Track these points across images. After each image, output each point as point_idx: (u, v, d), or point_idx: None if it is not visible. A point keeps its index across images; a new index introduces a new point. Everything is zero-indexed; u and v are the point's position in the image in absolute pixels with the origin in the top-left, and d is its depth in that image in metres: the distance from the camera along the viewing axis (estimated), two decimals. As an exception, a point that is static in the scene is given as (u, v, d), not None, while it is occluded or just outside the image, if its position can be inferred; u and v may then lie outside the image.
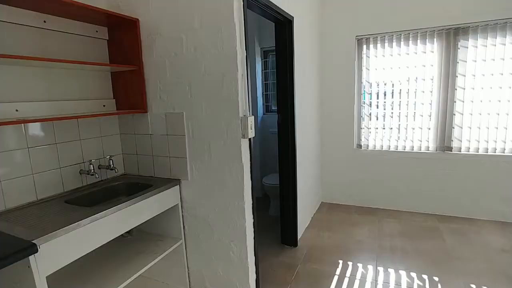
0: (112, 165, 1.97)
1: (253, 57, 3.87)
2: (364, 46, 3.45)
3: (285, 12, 2.30)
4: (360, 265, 2.48)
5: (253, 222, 1.88)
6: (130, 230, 1.96)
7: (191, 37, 1.73)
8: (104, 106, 2.00)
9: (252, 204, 1.86)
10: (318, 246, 2.80)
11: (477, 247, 2.66)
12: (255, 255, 1.93)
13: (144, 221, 1.71)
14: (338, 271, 2.40)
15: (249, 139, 1.76)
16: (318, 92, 3.55)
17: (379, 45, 3.36)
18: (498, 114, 2.99)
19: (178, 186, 1.95)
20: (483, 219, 3.19)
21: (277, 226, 2.92)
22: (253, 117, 1.73)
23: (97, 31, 1.93)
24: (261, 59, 4.06)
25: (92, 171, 1.86)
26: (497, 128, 3.02)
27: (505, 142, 3.02)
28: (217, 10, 1.62)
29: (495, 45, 2.92)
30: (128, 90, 2.01)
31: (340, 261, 2.54)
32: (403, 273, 2.34)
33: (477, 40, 2.97)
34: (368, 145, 3.59)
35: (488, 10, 2.86)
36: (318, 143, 3.63)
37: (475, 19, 2.93)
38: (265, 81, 4.16)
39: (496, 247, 2.66)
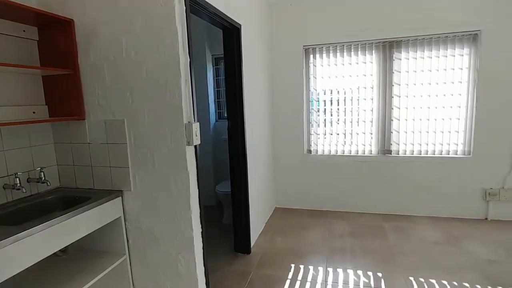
0: (43, 178, 1.79)
1: (203, 64, 3.84)
2: (311, 56, 3.61)
3: (232, 19, 2.32)
4: (311, 267, 2.53)
5: (202, 232, 1.82)
6: (65, 249, 1.78)
7: (131, 40, 1.65)
8: (34, 113, 1.82)
9: (200, 213, 1.81)
10: (271, 252, 2.81)
11: (415, 242, 2.88)
12: (204, 265, 1.87)
13: (80, 237, 1.57)
14: (290, 275, 2.43)
15: (195, 146, 1.72)
16: (269, 99, 3.62)
17: (324, 54, 3.54)
18: (428, 120, 3.31)
19: (120, 198, 1.83)
20: (421, 215, 3.47)
21: (231, 234, 2.88)
22: (198, 123, 1.69)
23: (24, 31, 1.75)
24: (213, 66, 4.04)
25: (18, 185, 1.66)
26: (427, 132, 3.34)
27: (434, 145, 3.34)
28: (158, 13, 1.57)
29: (423, 58, 3.24)
30: (63, 95, 1.85)
31: (293, 265, 2.57)
32: (350, 272, 2.44)
33: (408, 53, 3.28)
34: (317, 150, 3.74)
35: (418, 27, 3.18)
36: (270, 149, 3.68)
37: (407, 34, 3.23)
38: (217, 88, 4.14)
39: (430, 240, 2.90)
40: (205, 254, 1.87)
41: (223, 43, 2.53)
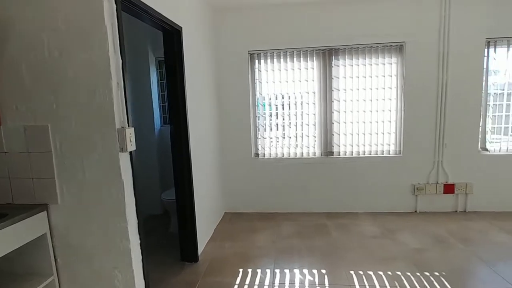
0: None
1: (146, 67, 3.68)
2: (256, 61, 3.67)
3: (171, 21, 2.25)
4: (259, 270, 2.54)
5: (140, 243, 1.72)
6: (-25, 275, 1.55)
7: (55, 39, 1.51)
8: None
9: (138, 223, 1.70)
10: (219, 258, 2.76)
11: (356, 237, 3.06)
12: (145, 279, 1.76)
13: (-7, 260, 1.37)
14: (238, 281, 2.41)
15: (130, 152, 1.62)
16: (215, 103, 3.59)
17: (269, 60, 3.63)
18: (364, 123, 3.57)
19: (45, 212, 1.65)
20: (361, 212, 3.71)
21: (178, 243, 2.77)
22: (132, 128, 1.60)
23: None
24: (156, 69, 3.90)
25: None
26: (364, 134, 3.59)
27: (370, 146, 3.61)
28: (85, 11, 1.46)
29: (358, 65, 3.49)
30: (-28, 99, 1.62)
31: (241, 270, 2.55)
32: (297, 271, 2.50)
33: (345, 60, 3.51)
34: (264, 154, 3.79)
35: (353, 36, 3.42)
36: (218, 154, 3.65)
37: (343, 43, 3.45)
38: (162, 91, 3.99)
39: (369, 235, 3.11)
40: (146, 267, 1.77)
41: (163, 46, 2.45)
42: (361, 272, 2.42)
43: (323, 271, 2.48)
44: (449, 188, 3.55)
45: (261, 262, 2.67)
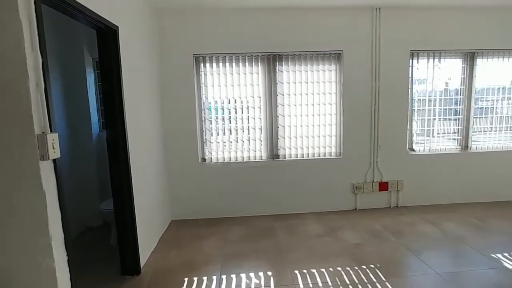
0: None
1: (81, 67, 3.40)
2: (202, 64, 3.62)
3: (105, 19, 2.11)
4: (205, 278, 2.48)
5: (68, 261, 1.56)
6: None
7: (-43, 32, 1.31)
8: None
9: (65, 238, 1.55)
10: (164, 269, 2.64)
11: (301, 237, 3.16)
12: (74, 299, 1.61)
13: None
14: (183, 290, 2.33)
15: (54, 160, 1.47)
16: (159, 107, 3.45)
17: (214, 64, 3.61)
18: (307, 126, 3.73)
19: None
20: (307, 212, 3.85)
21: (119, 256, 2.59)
22: (56, 134, 1.45)
23: None
24: (94, 70, 3.63)
25: None
26: (307, 137, 3.75)
27: (314, 148, 3.77)
28: (-5, 2, 1.30)
29: (301, 71, 3.64)
30: None
31: (186, 279, 2.47)
32: (243, 275, 2.49)
33: (289, 66, 3.63)
34: (211, 158, 3.75)
35: (295, 44, 3.56)
36: (163, 159, 3.51)
37: (287, 49, 3.58)
38: (100, 94, 3.72)
39: (314, 234, 3.23)
40: (75, 286, 1.61)
41: (97, 46, 2.29)
42: (305, 271, 2.51)
43: (269, 273, 2.51)
44: (383, 186, 3.86)
45: (207, 270, 2.61)
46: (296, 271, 2.51)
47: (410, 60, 3.74)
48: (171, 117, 3.59)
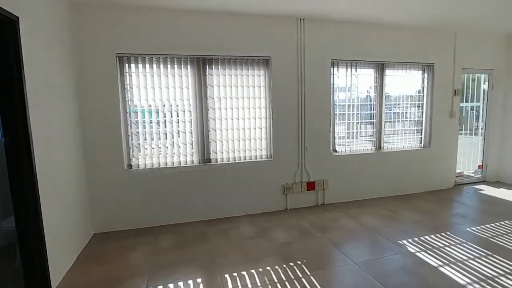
0: None
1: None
2: (126, 65, 3.40)
3: (1, 8, 1.84)
4: (129, 293, 2.31)
5: None
6: None
7: None
8: None
9: None
10: (82, 287, 2.39)
11: (234, 241, 3.17)
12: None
13: None
14: (102, 310, 2.13)
15: None
16: (76, 109, 3.14)
17: (140, 65, 3.42)
18: (239, 130, 3.78)
19: None
20: (240, 215, 3.88)
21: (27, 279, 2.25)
22: None
23: None
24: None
25: None
26: (238, 140, 3.79)
27: (245, 151, 3.83)
28: None
29: (231, 75, 3.68)
30: None
31: (107, 297, 2.27)
32: (171, 285, 2.39)
33: (219, 70, 3.64)
34: (139, 165, 3.53)
35: (224, 48, 3.58)
36: (81, 168, 3.18)
37: (216, 53, 3.57)
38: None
39: (246, 236, 3.27)
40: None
41: (-8, 38, 1.98)
42: (235, 274, 2.51)
43: (199, 280, 2.45)
44: (311, 186, 4.10)
45: (133, 283, 2.44)
46: (227, 275, 2.50)
47: (332, 68, 4.07)
48: (91, 121, 3.29)
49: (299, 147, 4.01)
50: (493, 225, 3.43)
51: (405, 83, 4.57)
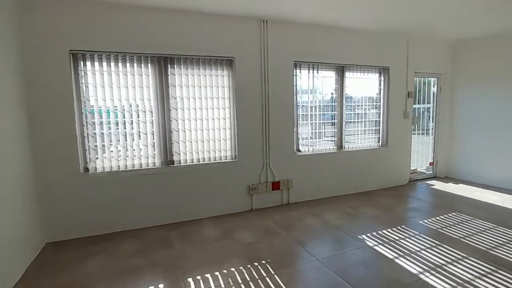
0: None
1: None
2: (81, 62, 3.22)
3: None
4: (84, 304, 2.18)
5: None
6: None
7: None
8: None
9: None
10: (29, 303, 2.21)
11: (198, 243, 3.11)
12: None
13: None
14: (53, 324, 1.98)
15: None
16: (22, 111, 2.90)
17: (97, 63, 3.25)
18: (202, 130, 3.72)
19: None
20: (205, 217, 3.82)
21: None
22: None
23: None
24: None
25: None
26: (203, 141, 3.74)
27: (209, 152, 3.79)
28: None
29: (194, 75, 3.62)
30: None
31: (59, 310, 2.12)
32: (131, 293, 2.29)
33: (181, 69, 3.56)
34: (96, 168, 3.35)
35: (187, 47, 3.51)
36: (30, 173, 2.95)
37: (178, 52, 3.50)
38: None
39: (210, 238, 3.23)
40: None
41: None
42: (198, 277, 2.47)
43: (161, 286, 2.37)
44: (276, 185, 4.15)
45: (88, 294, 2.30)
46: (190, 279, 2.44)
47: (294, 70, 4.15)
48: (41, 122, 3.06)
49: (264, 147, 4.04)
50: (442, 217, 3.70)
51: (364, 85, 4.79)
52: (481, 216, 3.70)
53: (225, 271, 2.56)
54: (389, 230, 3.34)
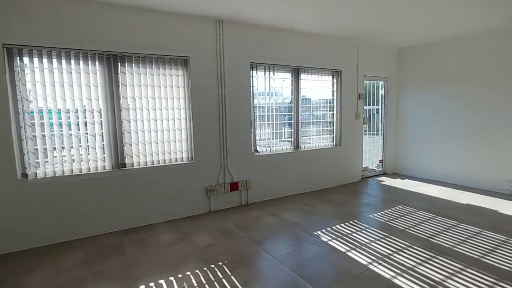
0: None
1: None
2: (18, 58, 2.94)
3: None
4: (20, 323, 1.98)
5: None
6: None
7: None
8: None
9: None
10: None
11: (152, 249, 2.98)
12: None
13: None
14: None
15: None
16: None
17: (36, 59, 2.99)
18: (157, 132, 3.60)
19: None
20: (161, 221, 3.68)
21: None
22: None
23: None
24: None
25: None
26: (157, 143, 3.61)
27: (164, 154, 3.67)
28: None
29: (146, 74, 3.48)
30: None
31: (-11, 332, 1.90)
32: (76, 306, 2.13)
33: (133, 68, 3.41)
34: (37, 173, 3.07)
35: (139, 45, 3.37)
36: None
37: (130, 50, 3.34)
38: None
39: (166, 243, 3.11)
40: None
41: None
42: (152, 284, 2.36)
43: (110, 295, 2.24)
44: (234, 186, 4.14)
45: (25, 311, 2.09)
46: (142, 286, 2.33)
47: (251, 71, 4.18)
48: (-32, 123, 2.74)
49: (221, 148, 4.01)
50: (390, 210, 3.95)
51: (319, 87, 4.97)
52: (423, 207, 4.03)
53: (180, 275, 2.48)
54: (342, 225, 3.49)
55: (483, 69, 4.64)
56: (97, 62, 3.23)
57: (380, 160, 6.11)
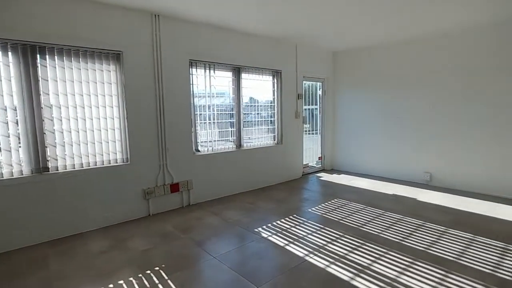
0: None
1: None
2: None
3: None
4: None
5: None
6: None
7: None
8: None
9: None
10: None
11: (81, 259, 2.73)
12: None
13: None
14: None
15: None
16: None
17: None
18: (86, 131, 3.30)
19: None
20: (92, 229, 3.39)
21: None
22: None
23: None
24: None
25: None
26: (86, 144, 3.32)
27: (95, 156, 3.39)
28: None
29: (72, 68, 3.17)
30: None
31: None
32: (-18, 332, 1.85)
33: (55, 61, 3.08)
34: None
35: (66, 35, 3.05)
36: None
37: (53, 41, 3.01)
38: None
39: (97, 252, 2.88)
40: None
41: None
42: (78, 297, 2.16)
43: (27, 315, 1.99)
44: (175, 187, 4.00)
45: None
46: (67, 301, 2.12)
47: (190, 69, 4.08)
48: None
49: (160, 148, 3.84)
50: (326, 203, 4.20)
51: (260, 87, 5.06)
52: (355, 199, 4.35)
53: (111, 285, 2.31)
54: (283, 220, 3.60)
55: (404, 74, 5.19)
56: (9, 53, 2.85)
57: (319, 157, 6.46)
